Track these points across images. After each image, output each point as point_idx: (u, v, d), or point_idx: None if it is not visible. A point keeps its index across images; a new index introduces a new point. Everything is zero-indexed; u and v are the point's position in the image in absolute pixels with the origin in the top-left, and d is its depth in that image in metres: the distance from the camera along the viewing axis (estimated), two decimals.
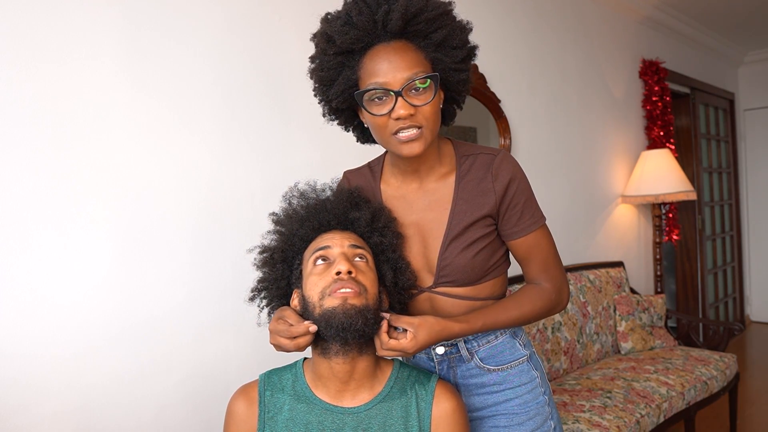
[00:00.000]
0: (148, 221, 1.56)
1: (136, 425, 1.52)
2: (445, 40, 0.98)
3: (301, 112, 1.91)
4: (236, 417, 1.03)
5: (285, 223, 1.07)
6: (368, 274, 0.99)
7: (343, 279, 0.94)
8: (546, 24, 2.99)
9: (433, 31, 0.97)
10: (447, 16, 0.98)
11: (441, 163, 1.09)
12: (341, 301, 0.93)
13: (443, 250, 1.07)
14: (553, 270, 1.10)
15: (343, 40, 0.96)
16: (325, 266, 0.98)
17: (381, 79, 0.95)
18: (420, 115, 0.97)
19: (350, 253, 1.00)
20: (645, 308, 2.94)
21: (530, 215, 1.07)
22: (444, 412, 1.01)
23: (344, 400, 1.00)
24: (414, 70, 0.95)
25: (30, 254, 1.36)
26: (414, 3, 0.94)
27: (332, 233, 1.03)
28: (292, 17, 1.90)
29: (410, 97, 0.96)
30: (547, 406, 1.14)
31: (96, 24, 1.47)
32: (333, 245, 1.00)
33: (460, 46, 1.00)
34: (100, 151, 1.47)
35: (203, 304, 1.66)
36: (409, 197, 1.11)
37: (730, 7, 3.86)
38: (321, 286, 0.96)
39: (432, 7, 0.96)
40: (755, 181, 5.16)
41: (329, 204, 1.06)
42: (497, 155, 1.06)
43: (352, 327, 0.92)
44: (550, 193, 2.96)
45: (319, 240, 1.02)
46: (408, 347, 0.96)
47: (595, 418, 2.03)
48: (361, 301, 0.94)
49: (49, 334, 1.39)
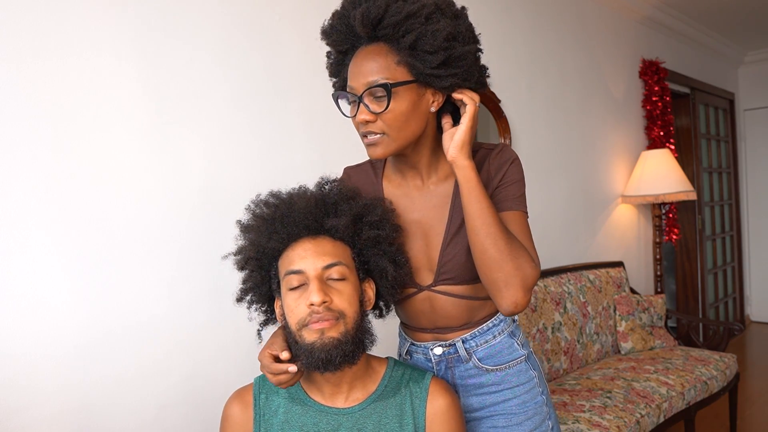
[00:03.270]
0: (149, 221, 1.56)
1: (136, 425, 1.52)
2: (415, 44, 0.93)
3: (300, 112, 1.91)
4: (232, 421, 1.03)
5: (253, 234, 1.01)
6: (345, 292, 0.95)
7: (318, 312, 0.91)
8: (546, 24, 2.99)
9: (402, 36, 0.93)
10: (414, 18, 0.92)
11: (440, 161, 1.09)
12: (318, 335, 0.91)
13: (444, 246, 1.07)
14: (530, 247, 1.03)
15: (330, 41, 1.01)
16: (300, 291, 0.94)
17: (350, 83, 0.98)
18: (380, 122, 0.97)
19: (325, 275, 0.95)
20: (645, 308, 2.94)
21: (516, 197, 1.05)
22: (439, 408, 1.01)
23: (338, 401, 1.00)
24: (375, 77, 0.94)
25: (30, 254, 1.36)
26: (374, 8, 0.93)
27: (304, 244, 0.96)
28: (292, 18, 1.90)
29: (372, 103, 0.96)
30: (545, 406, 1.14)
31: (96, 24, 1.47)
32: (305, 268, 0.94)
33: (433, 51, 0.93)
34: (99, 150, 1.47)
35: (203, 304, 1.66)
36: (412, 195, 1.11)
37: (730, 7, 3.86)
38: (298, 315, 0.93)
39: (394, 12, 0.92)
40: (755, 181, 5.16)
41: (297, 213, 0.98)
42: (496, 147, 1.08)
43: (333, 361, 0.91)
44: (550, 193, 2.96)
45: (290, 255, 0.96)
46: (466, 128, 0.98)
47: (595, 418, 2.03)
48: (339, 330, 0.92)
49: (49, 335, 1.39)
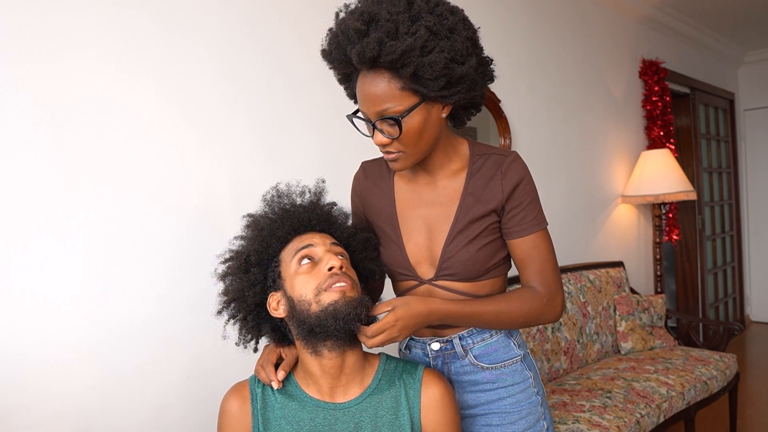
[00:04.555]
0: (149, 220, 1.56)
1: (136, 425, 1.52)
2: (416, 74, 0.94)
3: (300, 112, 1.91)
4: (230, 416, 1.03)
5: (262, 224, 1.06)
6: (351, 272, 1.03)
7: (337, 274, 0.97)
8: (546, 24, 2.99)
9: (400, 68, 0.93)
10: (409, 54, 0.91)
11: (452, 161, 1.12)
12: (340, 295, 0.96)
13: (448, 242, 1.09)
14: (549, 276, 1.09)
15: (330, 66, 1.03)
16: (312, 265, 1.00)
17: (362, 108, 1.01)
18: (396, 143, 1.00)
19: (334, 251, 1.02)
20: (645, 308, 2.94)
21: (533, 217, 1.09)
22: (433, 397, 1.03)
23: (335, 396, 1.02)
24: (384, 105, 0.96)
25: (29, 254, 1.36)
26: (368, 50, 0.91)
27: (311, 234, 1.05)
28: (292, 18, 1.90)
29: (385, 129, 0.99)
30: (540, 407, 1.15)
31: (96, 24, 1.47)
32: (316, 244, 1.02)
33: (435, 78, 0.93)
34: (100, 151, 1.47)
35: (203, 305, 1.66)
36: (420, 190, 1.14)
37: (730, 7, 3.86)
38: (314, 283, 0.97)
39: (388, 51, 0.90)
40: (755, 181, 5.16)
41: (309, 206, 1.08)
42: (509, 156, 1.09)
43: (357, 316, 0.94)
44: (550, 193, 2.97)
45: (299, 241, 1.03)
46: (389, 321, 0.97)
47: (595, 418, 2.03)
48: (356, 292, 0.99)
49: (49, 335, 1.39)
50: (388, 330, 0.97)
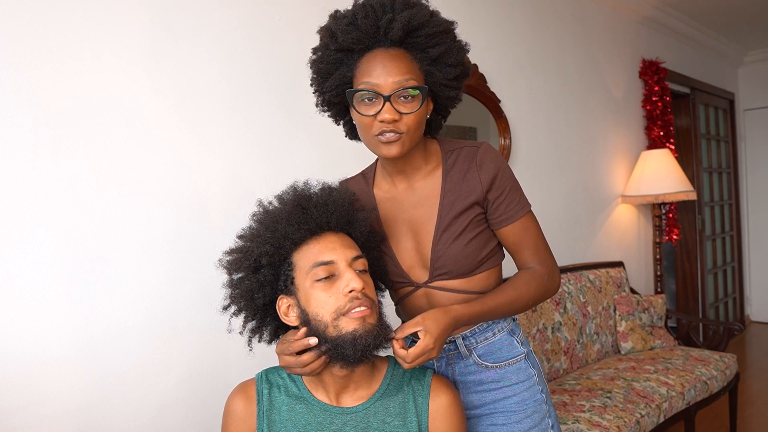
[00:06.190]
0: (149, 221, 1.56)
1: (136, 425, 1.52)
2: (441, 56, 1.02)
3: (300, 113, 1.91)
4: (235, 415, 1.02)
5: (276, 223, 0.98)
6: (370, 283, 0.98)
7: (357, 298, 0.92)
8: (546, 24, 2.99)
9: (431, 47, 1.01)
10: (447, 34, 1.02)
11: (427, 161, 1.13)
12: (360, 322, 0.92)
13: (435, 241, 1.09)
14: (544, 254, 1.13)
15: (345, 38, 1.00)
16: (329, 282, 0.94)
17: (374, 81, 0.99)
18: (403, 123, 1.00)
19: (356, 267, 0.96)
20: (645, 308, 2.94)
21: (518, 201, 1.10)
22: (441, 405, 1.02)
23: (343, 400, 1.00)
24: (406, 76, 0.99)
25: (30, 255, 1.36)
26: (418, 17, 0.98)
27: (328, 238, 0.97)
28: (292, 18, 1.90)
29: (398, 104, 0.99)
30: (544, 404, 1.15)
31: (96, 24, 1.47)
32: (337, 259, 0.95)
33: (455, 64, 1.03)
34: (100, 152, 1.47)
35: (203, 304, 1.66)
36: (399, 197, 1.14)
37: (730, 7, 3.86)
38: (332, 305, 0.93)
39: (434, 24, 1.00)
40: (755, 181, 5.16)
41: (330, 205, 0.99)
42: (480, 147, 1.10)
43: (377, 346, 0.92)
44: (550, 193, 2.96)
45: (316, 248, 0.96)
46: (428, 344, 0.96)
47: (595, 418, 2.03)
48: (375, 317, 0.95)
49: (49, 334, 1.39)
50: (426, 353, 0.96)
